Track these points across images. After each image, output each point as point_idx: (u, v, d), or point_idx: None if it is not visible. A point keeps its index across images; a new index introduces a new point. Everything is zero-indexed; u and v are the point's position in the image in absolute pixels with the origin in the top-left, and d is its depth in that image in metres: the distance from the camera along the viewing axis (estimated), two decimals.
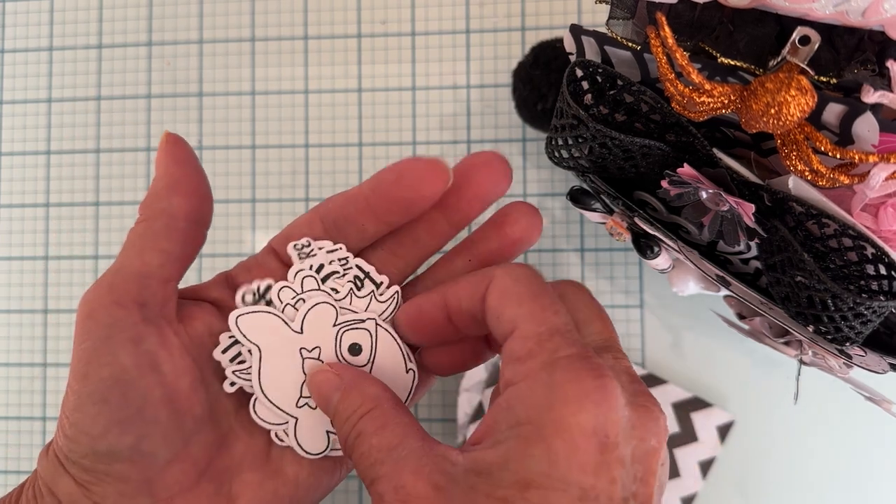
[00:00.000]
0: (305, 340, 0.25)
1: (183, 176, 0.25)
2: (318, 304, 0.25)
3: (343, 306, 0.26)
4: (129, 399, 0.22)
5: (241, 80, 0.43)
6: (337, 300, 0.26)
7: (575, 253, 0.40)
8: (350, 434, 0.22)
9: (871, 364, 0.28)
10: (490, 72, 0.41)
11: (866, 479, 0.38)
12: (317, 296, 0.25)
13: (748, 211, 0.24)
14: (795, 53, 0.21)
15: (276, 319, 0.25)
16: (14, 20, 0.44)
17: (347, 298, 0.26)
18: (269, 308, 0.25)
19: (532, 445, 0.19)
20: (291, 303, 0.25)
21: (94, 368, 0.22)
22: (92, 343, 0.22)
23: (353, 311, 0.25)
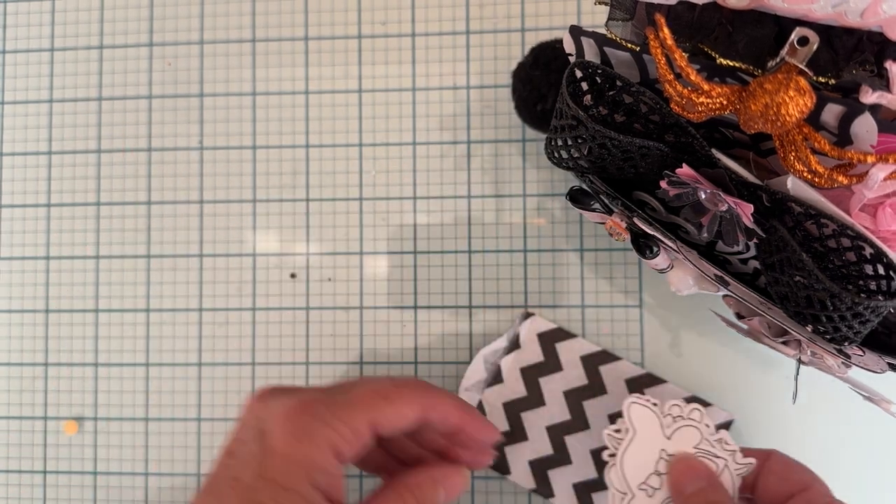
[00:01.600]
0: (668, 445, 0.32)
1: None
2: (691, 426, 0.32)
3: (707, 442, 0.32)
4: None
5: (241, 81, 0.43)
6: (704, 436, 0.32)
7: (574, 253, 0.40)
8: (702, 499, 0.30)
9: (870, 363, 0.28)
10: (490, 72, 0.41)
11: (866, 479, 0.38)
12: (693, 423, 0.32)
13: (747, 211, 0.24)
14: (794, 54, 0.21)
15: (657, 419, 0.32)
16: (15, 21, 0.44)
17: (715, 445, 0.32)
18: (655, 408, 0.32)
19: None
20: (673, 415, 0.32)
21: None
22: None
23: (713, 448, 0.32)
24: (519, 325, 0.39)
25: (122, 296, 0.43)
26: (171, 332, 0.42)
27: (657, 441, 0.32)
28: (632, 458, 0.32)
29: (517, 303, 0.40)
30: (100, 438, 0.42)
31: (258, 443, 0.27)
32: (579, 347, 0.39)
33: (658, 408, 0.33)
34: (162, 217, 0.43)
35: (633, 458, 0.32)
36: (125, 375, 0.42)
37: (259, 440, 0.27)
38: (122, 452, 0.42)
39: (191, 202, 0.42)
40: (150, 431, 0.42)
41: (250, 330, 0.42)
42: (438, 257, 0.41)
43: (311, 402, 0.27)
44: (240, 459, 0.27)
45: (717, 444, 0.32)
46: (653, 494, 0.32)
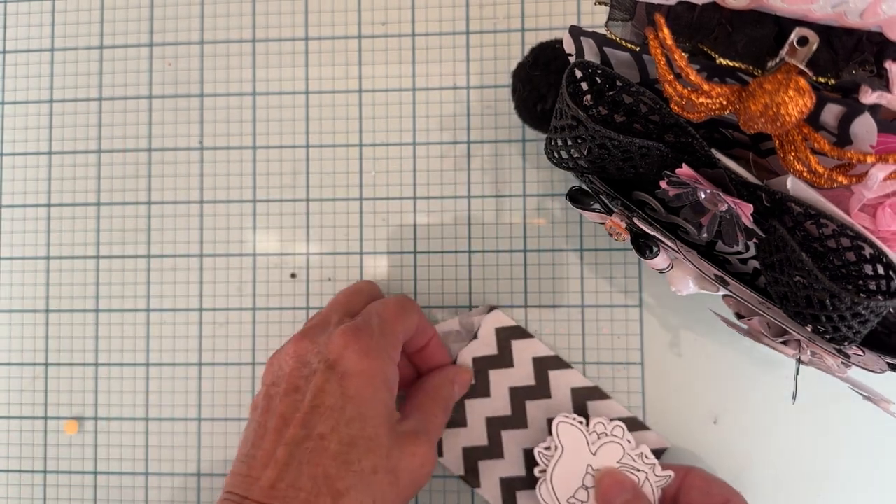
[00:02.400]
0: (594, 460, 0.35)
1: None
2: (614, 443, 0.35)
3: (629, 456, 0.35)
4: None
5: (241, 81, 0.43)
6: (627, 451, 0.35)
7: (574, 253, 0.40)
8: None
9: (870, 363, 0.28)
10: (490, 72, 0.41)
11: (865, 479, 0.38)
12: (616, 440, 0.36)
13: (746, 211, 0.24)
14: (794, 54, 0.21)
15: (583, 437, 0.35)
16: (15, 21, 0.44)
17: (636, 459, 0.35)
18: (581, 426, 0.36)
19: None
20: (598, 432, 0.35)
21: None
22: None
23: (635, 462, 0.35)
24: (479, 316, 0.40)
25: (122, 296, 0.43)
26: (171, 332, 0.42)
27: (584, 457, 0.35)
28: (560, 474, 0.35)
29: (517, 303, 0.40)
30: (100, 438, 0.42)
31: (330, 371, 0.31)
32: (534, 349, 0.39)
33: (584, 426, 0.36)
34: (162, 217, 0.43)
35: (562, 473, 0.35)
36: (125, 375, 0.42)
37: (330, 369, 0.31)
38: (123, 452, 0.42)
39: (191, 202, 0.42)
40: (151, 431, 0.42)
41: (250, 330, 0.42)
42: (438, 257, 0.41)
43: (361, 329, 0.32)
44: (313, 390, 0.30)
45: (639, 459, 0.35)
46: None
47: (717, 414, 0.39)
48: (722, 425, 0.39)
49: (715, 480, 0.35)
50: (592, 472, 0.35)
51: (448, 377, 0.37)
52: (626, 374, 0.39)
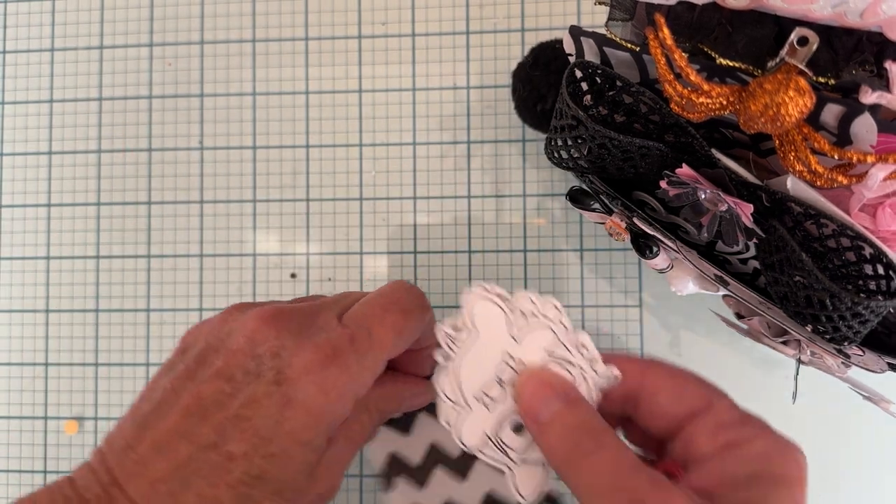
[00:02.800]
0: (515, 349, 0.26)
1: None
2: (544, 327, 0.26)
3: (563, 346, 0.26)
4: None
5: (241, 81, 0.43)
6: (560, 338, 0.26)
7: (574, 253, 0.40)
8: (583, 444, 0.23)
9: (870, 363, 0.28)
10: (490, 72, 0.41)
11: (865, 479, 0.38)
12: (547, 323, 0.26)
13: (746, 211, 0.24)
14: (794, 54, 0.21)
15: (503, 317, 0.26)
16: (15, 21, 0.44)
17: (572, 350, 0.26)
18: (503, 303, 0.27)
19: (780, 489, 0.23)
20: (524, 311, 0.27)
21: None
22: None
23: (569, 354, 0.26)
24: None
25: (122, 296, 0.43)
26: (172, 332, 0.42)
27: (502, 343, 0.26)
28: (470, 363, 0.26)
29: None
30: (100, 438, 0.42)
31: (278, 386, 0.25)
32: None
33: (507, 303, 0.27)
34: (162, 217, 0.43)
35: (472, 362, 0.26)
36: (125, 375, 0.42)
37: (279, 384, 0.25)
38: None
39: (191, 202, 0.42)
40: None
41: None
42: (438, 257, 0.41)
43: (339, 352, 0.26)
44: (247, 396, 0.25)
45: (575, 350, 0.26)
46: (493, 408, 0.26)
47: None
48: None
49: (686, 379, 0.26)
50: (512, 363, 0.26)
51: (407, 391, 0.31)
52: None
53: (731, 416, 0.25)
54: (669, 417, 0.25)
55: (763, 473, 0.23)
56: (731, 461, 0.24)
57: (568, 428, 0.24)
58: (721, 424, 0.25)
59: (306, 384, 0.25)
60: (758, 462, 0.23)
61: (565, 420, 0.24)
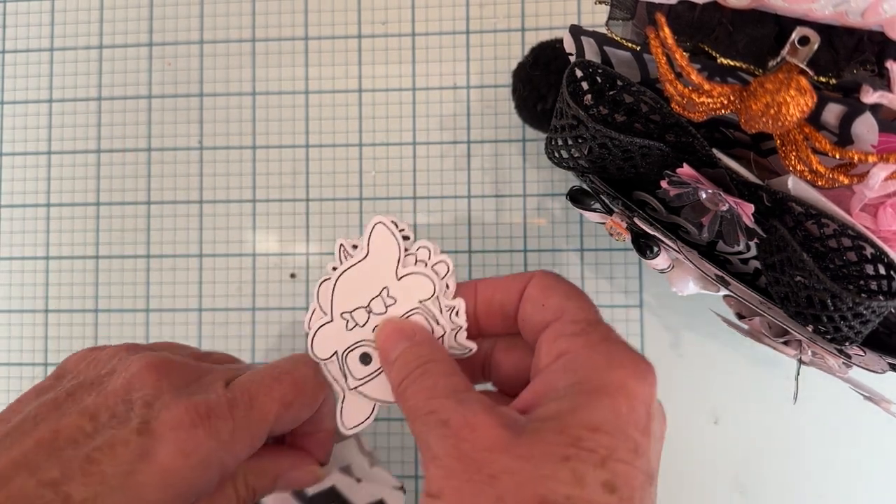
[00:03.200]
0: (395, 286, 0.28)
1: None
2: (428, 278, 0.28)
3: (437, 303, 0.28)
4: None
5: (241, 81, 0.43)
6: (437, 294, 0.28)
7: (575, 253, 0.40)
8: (415, 371, 0.24)
9: (871, 364, 0.28)
10: (490, 72, 0.41)
11: (865, 479, 0.38)
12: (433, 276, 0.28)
13: (747, 211, 0.24)
14: (795, 54, 0.21)
15: (396, 253, 0.28)
16: (15, 21, 0.44)
17: (443, 312, 0.28)
18: (401, 240, 0.28)
19: (598, 398, 0.22)
20: (417, 256, 0.28)
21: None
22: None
23: (439, 314, 0.28)
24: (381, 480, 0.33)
25: (122, 296, 0.42)
26: (171, 333, 0.42)
27: (385, 276, 0.28)
28: (349, 280, 0.28)
29: None
30: None
31: (139, 436, 0.23)
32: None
33: (408, 242, 0.28)
34: (162, 217, 0.43)
35: (352, 281, 0.28)
36: None
37: (141, 434, 0.23)
38: None
39: (191, 202, 0.42)
40: None
41: (250, 330, 0.42)
42: None
43: (214, 415, 0.24)
44: (105, 439, 0.23)
45: (446, 312, 0.27)
46: (352, 328, 0.28)
47: (717, 414, 0.39)
48: (722, 425, 0.39)
49: (554, 287, 0.26)
50: (387, 298, 0.27)
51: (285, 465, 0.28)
52: None
53: (572, 327, 0.25)
54: (531, 328, 0.26)
55: (583, 382, 0.22)
56: (556, 372, 0.23)
57: (405, 362, 0.25)
58: (561, 334, 0.25)
59: (168, 441, 0.23)
60: (581, 371, 0.23)
61: (406, 356, 0.25)
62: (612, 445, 0.21)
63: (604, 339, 0.24)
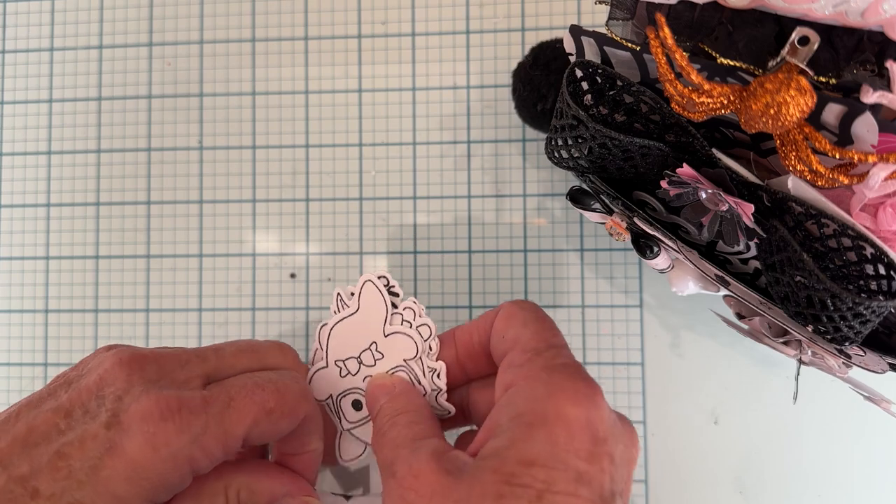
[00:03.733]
0: (383, 343, 0.30)
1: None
2: (411, 338, 0.30)
3: (419, 363, 0.30)
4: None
5: (241, 81, 0.43)
6: (420, 355, 0.30)
7: (575, 253, 0.40)
8: (385, 424, 0.26)
9: (870, 364, 0.28)
10: (490, 72, 0.41)
11: (866, 479, 0.38)
12: (417, 337, 0.30)
13: (747, 211, 0.24)
14: (795, 54, 0.21)
15: (384, 311, 0.30)
16: (15, 20, 0.44)
17: (425, 373, 0.30)
18: (387, 299, 0.30)
19: (535, 430, 0.21)
20: (403, 316, 0.30)
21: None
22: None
23: (422, 375, 0.29)
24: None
25: (122, 296, 0.42)
26: (171, 333, 0.42)
27: (375, 332, 0.30)
28: (342, 332, 0.30)
29: None
30: None
31: (107, 430, 0.23)
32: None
33: (396, 299, 0.30)
34: (162, 217, 0.43)
35: (346, 333, 0.30)
36: None
37: (109, 428, 0.23)
38: None
39: (191, 202, 0.42)
40: None
41: (250, 330, 0.42)
42: (438, 257, 0.41)
43: (185, 409, 0.24)
44: (77, 434, 0.23)
45: (428, 374, 0.29)
46: (345, 376, 0.30)
47: (717, 414, 0.39)
48: (722, 425, 0.39)
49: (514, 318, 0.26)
50: (376, 352, 0.29)
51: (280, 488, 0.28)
52: (626, 375, 0.39)
53: (521, 357, 0.24)
54: (498, 361, 0.26)
55: (522, 415, 0.22)
56: (502, 407, 0.23)
57: (381, 416, 0.27)
58: (510, 365, 0.25)
59: (136, 433, 0.23)
60: (521, 404, 0.23)
61: (383, 410, 0.27)
62: (550, 478, 0.21)
63: (545, 368, 0.23)
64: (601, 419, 0.22)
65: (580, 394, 0.22)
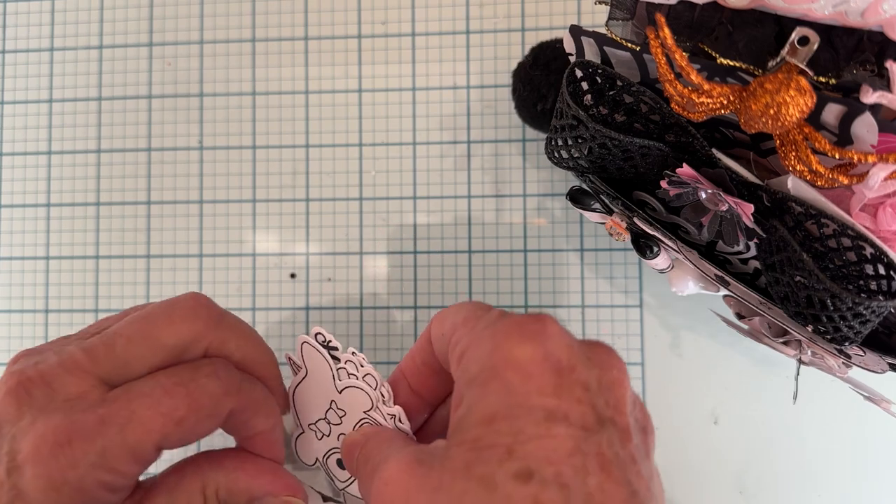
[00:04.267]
0: (339, 398, 0.29)
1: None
2: (362, 391, 0.28)
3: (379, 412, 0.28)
4: None
5: (241, 81, 0.43)
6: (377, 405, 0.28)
7: (574, 253, 0.40)
8: (360, 463, 0.25)
9: (870, 364, 0.28)
10: (490, 72, 0.41)
11: (866, 479, 0.38)
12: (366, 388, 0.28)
13: (747, 211, 0.24)
14: (794, 54, 0.21)
15: (328, 371, 0.28)
16: (15, 20, 0.44)
17: (387, 419, 0.28)
18: (327, 356, 0.28)
19: (488, 385, 0.20)
20: (347, 370, 0.28)
21: None
22: None
23: (384, 421, 0.28)
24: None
25: (121, 296, 0.42)
26: None
27: (329, 390, 0.29)
28: (304, 397, 0.29)
29: (517, 303, 0.40)
30: None
31: (9, 476, 0.21)
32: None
33: (337, 352, 0.28)
34: (162, 217, 0.43)
35: (306, 396, 0.29)
36: None
37: (10, 474, 0.21)
38: None
39: (191, 202, 0.42)
40: None
41: None
42: (438, 257, 0.41)
43: (78, 437, 0.21)
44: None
45: (390, 419, 0.28)
46: (321, 438, 0.29)
47: (717, 414, 0.39)
48: (722, 425, 0.39)
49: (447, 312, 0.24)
50: (337, 409, 0.28)
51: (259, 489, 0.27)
52: None
53: (463, 330, 0.23)
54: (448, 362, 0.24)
55: (475, 378, 0.20)
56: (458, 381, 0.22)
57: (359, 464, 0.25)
58: (457, 342, 0.23)
59: (32, 476, 0.21)
60: (472, 368, 0.21)
61: (359, 461, 0.25)
62: (515, 428, 0.19)
63: (487, 327, 0.21)
64: (560, 346, 0.20)
65: (527, 330, 0.20)
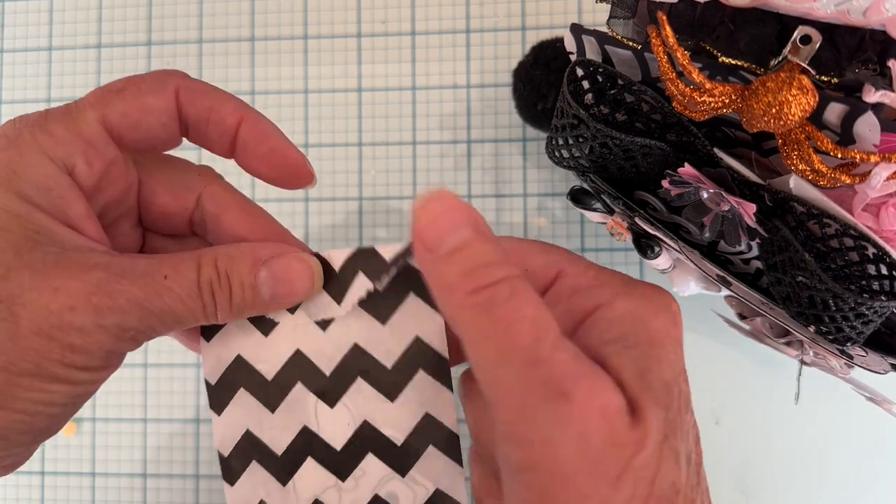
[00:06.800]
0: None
1: None
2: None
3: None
4: None
5: (240, 80, 0.42)
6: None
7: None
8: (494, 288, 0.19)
9: (872, 364, 0.28)
10: (490, 72, 0.41)
11: (867, 479, 0.38)
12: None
13: (749, 211, 0.24)
14: (796, 53, 0.21)
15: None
16: (14, 20, 0.44)
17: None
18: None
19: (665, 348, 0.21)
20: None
21: None
22: None
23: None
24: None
25: None
26: None
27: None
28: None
29: None
30: (98, 439, 0.42)
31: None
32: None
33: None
34: None
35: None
36: (123, 376, 0.42)
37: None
38: (121, 453, 0.42)
39: None
40: (149, 432, 0.42)
41: None
42: None
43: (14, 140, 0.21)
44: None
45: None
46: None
47: (718, 414, 0.39)
48: (723, 425, 0.38)
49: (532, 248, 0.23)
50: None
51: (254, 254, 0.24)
52: None
53: (586, 280, 0.22)
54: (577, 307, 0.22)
55: (628, 337, 0.20)
56: (593, 329, 0.20)
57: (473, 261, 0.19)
58: (576, 290, 0.21)
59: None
60: (621, 325, 0.20)
61: (470, 259, 0.19)
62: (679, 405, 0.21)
63: (627, 285, 0.21)
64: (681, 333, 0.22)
65: (668, 315, 0.21)
